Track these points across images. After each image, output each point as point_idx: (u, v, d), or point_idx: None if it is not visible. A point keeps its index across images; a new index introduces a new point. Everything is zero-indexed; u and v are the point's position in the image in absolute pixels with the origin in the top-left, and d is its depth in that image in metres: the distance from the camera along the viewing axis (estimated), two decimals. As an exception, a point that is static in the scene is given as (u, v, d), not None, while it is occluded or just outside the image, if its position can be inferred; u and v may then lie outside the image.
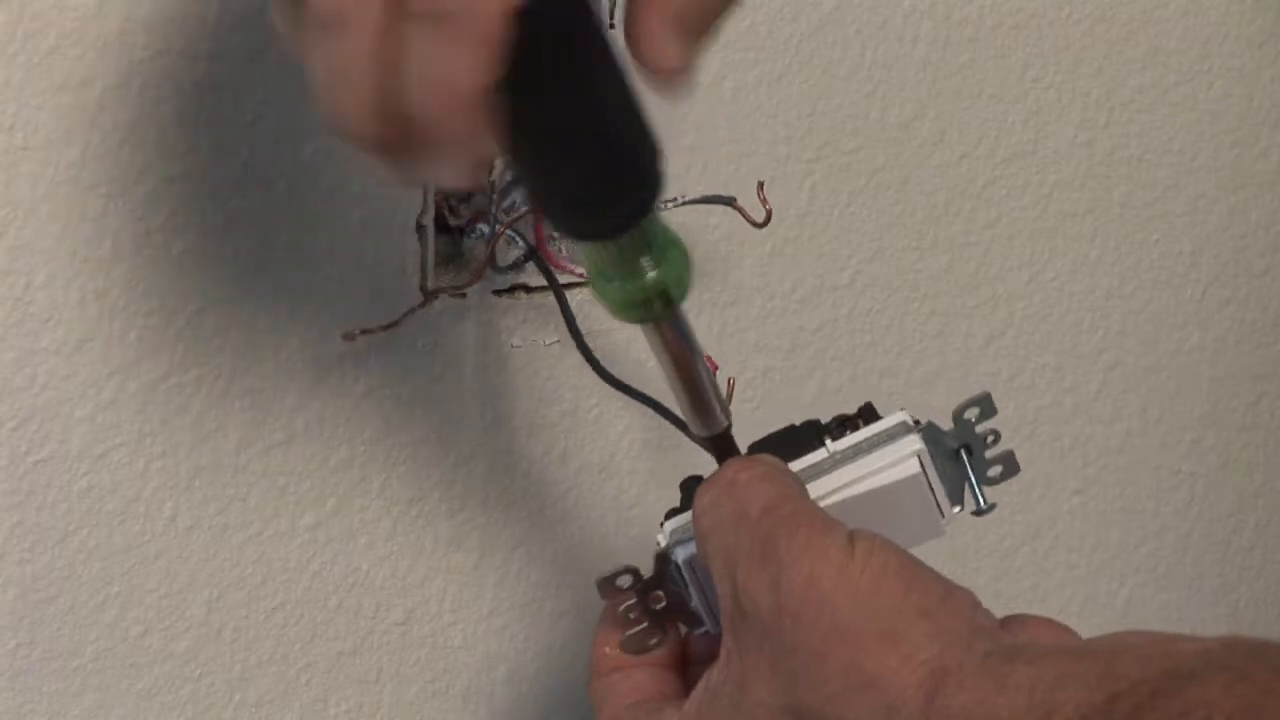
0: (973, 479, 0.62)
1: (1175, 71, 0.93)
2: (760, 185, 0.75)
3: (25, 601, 0.68)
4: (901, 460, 0.60)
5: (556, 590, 0.80)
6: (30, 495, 0.68)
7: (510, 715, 0.81)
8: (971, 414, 0.62)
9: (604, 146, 0.51)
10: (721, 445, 0.60)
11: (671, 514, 0.61)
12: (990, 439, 0.62)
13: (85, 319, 0.67)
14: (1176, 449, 0.99)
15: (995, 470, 0.63)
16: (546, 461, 0.79)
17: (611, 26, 0.77)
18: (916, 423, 0.61)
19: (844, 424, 0.62)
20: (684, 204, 0.75)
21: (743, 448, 0.60)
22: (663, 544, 0.61)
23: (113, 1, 0.65)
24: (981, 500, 0.62)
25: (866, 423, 0.62)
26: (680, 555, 0.60)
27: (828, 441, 0.61)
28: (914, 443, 0.60)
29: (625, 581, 0.61)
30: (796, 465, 0.60)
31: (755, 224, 0.74)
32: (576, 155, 0.50)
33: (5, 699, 0.69)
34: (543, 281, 0.76)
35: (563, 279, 0.74)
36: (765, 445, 0.61)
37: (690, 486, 0.60)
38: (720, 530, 0.56)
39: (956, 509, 0.62)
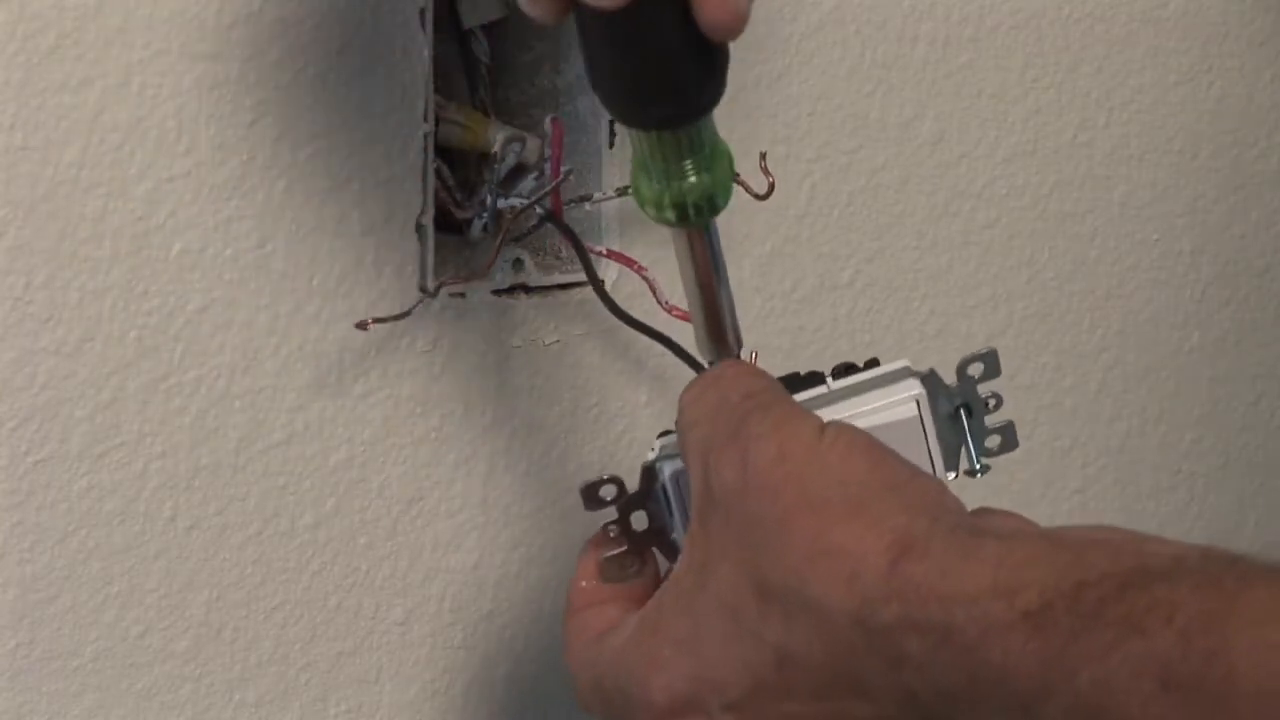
0: (969, 441, 0.62)
1: (1175, 71, 0.93)
2: (762, 155, 0.75)
3: (25, 601, 0.68)
4: (900, 402, 0.60)
5: (556, 590, 0.80)
6: (30, 495, 0.68)
7: (510, 715, 0.81)
8: (975, 370, 0.61)
9: (680, 35, 0.51)
10: None
11: (665, 434, 0.61)
12: (992, 403, 0.62)
13: (85, 319, 0.67)
14: (1176, 449, 0.99)
15: (994, 440, 0.62)
16: (546, 461, 0.79)
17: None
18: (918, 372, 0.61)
19: (849, 370, 0.62)
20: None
21: None
22: (651, 458, 0.60)
23: (113, 1, 0.65)
24: (976, 461, 0.62)
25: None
26: (667, 470, 0.60)
27: (829, 380, 0.61)
28: (914, 386, 0.60)
29: (609, 493, 0.60)
30: (796, 398, 0.59)
31: (758, 196, 0.73)
32: (652, 38, 0.51)
33: (5, 699, 0.69)
34: (543, 281, 0.76)
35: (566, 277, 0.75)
36: None
37: None
38: (701, 421, 0.56)
39: (951, 475, 0.61)
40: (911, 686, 0.49)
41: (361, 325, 0.70)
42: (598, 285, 0.71)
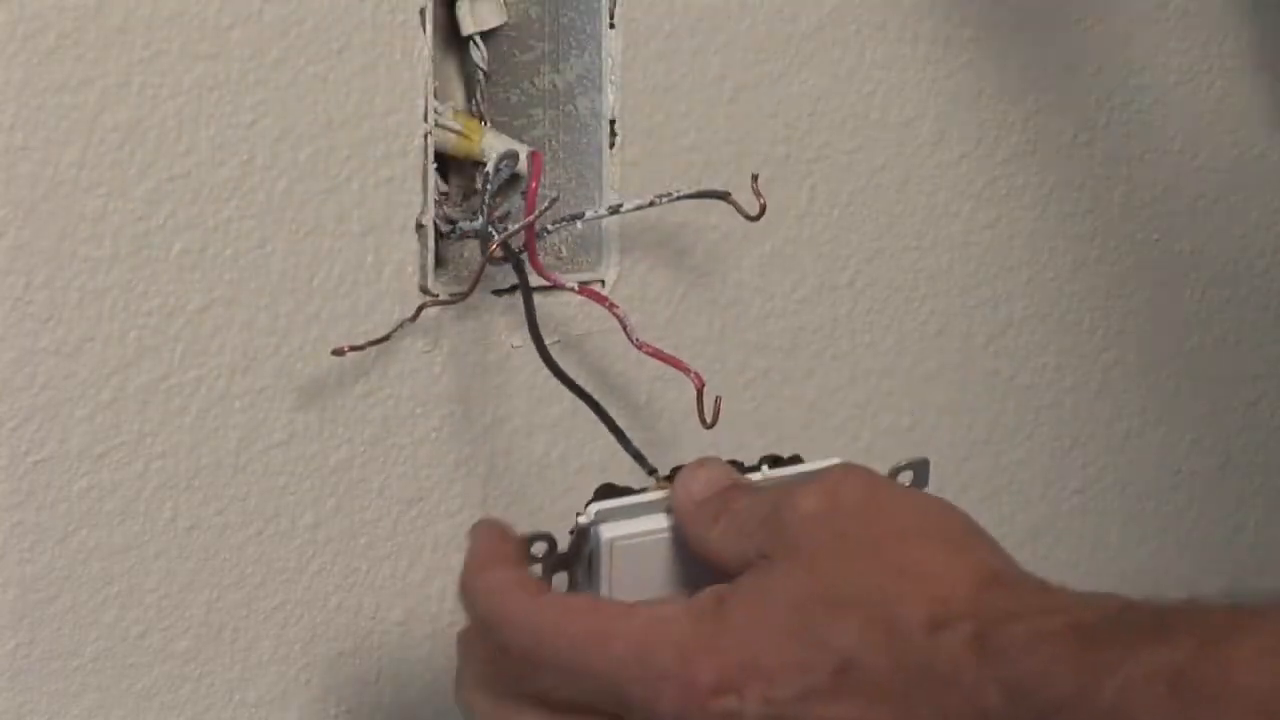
0: None
1: (1175, 71, 0.93)
2: (754, 178, 0.75)
3: (25, 601, 0.68)
4: None
5: (556, 590, 0.80)
6: (30, 495, 0.68)
7: (510, 715, 0.81)
8: (905, 478, 0.61)
9: None
10: None
11: (594, 501, 0.60)
12: None
13: (85, 319, 0.67)
14: (1176, 449, 0.99)
15: None
16: (546, 461, 0.79)
17: (612, 26, 0.77)
18: None
19: (777, 462, 0.62)
20: (678, 199, 0.74)
21: None
22: (584, 521, 0.60)
23: (112, 1, 0.65)
24: None
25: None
26: (603, 535, 0.59)
27: (763, 468, 0.61)
28: None
29: (539, 549, 0.60)
30: None
31: (749, 217, 0.74)
32: None
33: (5, 699, 0.69)
34: (542, 281, 0.76)
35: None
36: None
37: (603, 492, 0.60)
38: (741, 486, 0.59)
39: None
40: (974, 704, 0.50)
41: (338, 351, 0.70)
42: (539, 342, 0.71)
